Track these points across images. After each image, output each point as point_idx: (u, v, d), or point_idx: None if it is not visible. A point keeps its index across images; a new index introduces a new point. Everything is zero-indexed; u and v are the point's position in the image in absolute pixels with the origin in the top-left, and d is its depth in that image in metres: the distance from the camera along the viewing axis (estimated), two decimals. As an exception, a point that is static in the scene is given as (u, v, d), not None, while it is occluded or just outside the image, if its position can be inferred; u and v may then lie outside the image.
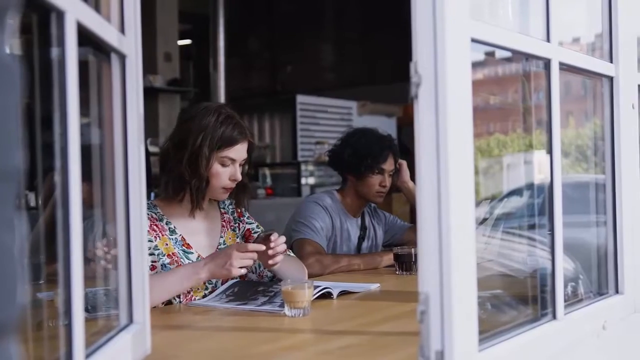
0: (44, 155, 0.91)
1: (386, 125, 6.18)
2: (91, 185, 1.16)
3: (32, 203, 1.92)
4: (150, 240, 1.91)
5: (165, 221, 2.00)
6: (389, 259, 2.53)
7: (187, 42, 8.29)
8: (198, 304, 1.89)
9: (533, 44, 1.34)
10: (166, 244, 1.96)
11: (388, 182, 2.72)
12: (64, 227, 0.90)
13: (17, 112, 0.63)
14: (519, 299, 1.48)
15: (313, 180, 7.25)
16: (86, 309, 0.98)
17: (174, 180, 1.96)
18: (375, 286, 2.12)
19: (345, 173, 2.79)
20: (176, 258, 1.95)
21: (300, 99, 7.80)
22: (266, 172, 7.33)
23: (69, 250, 0.90)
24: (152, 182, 2.51)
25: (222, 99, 6.38)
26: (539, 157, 1.43)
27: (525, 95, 1.52)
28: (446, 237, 1.02)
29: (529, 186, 1.56)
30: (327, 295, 1.90)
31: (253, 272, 2.12)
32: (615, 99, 1.62)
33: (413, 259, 2.37)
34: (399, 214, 3.36)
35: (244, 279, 2.04)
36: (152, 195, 2.85)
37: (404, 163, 2.81)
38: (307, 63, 9.00)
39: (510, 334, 1.22)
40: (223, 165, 1.97)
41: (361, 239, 2.80)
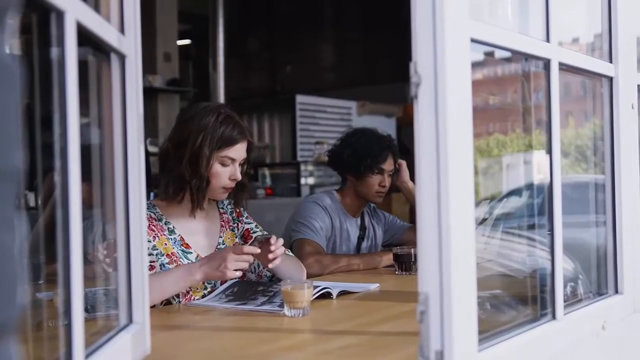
0: (44, 155, 0.91)
1: (386, 125, 6.19)
2: (91, 186, 1.16)
3: (32, 203, 1.92)
4: (149, 241, 1.91)
5: (164, 221, 2.00)
6: (388, 259, 2.53)
7: (187, 42, 8.28)
8: (197, 304, 1.89)
9: (533, 44, 1.34)
10: (165, 244, 1.96)
11: (387, 182, 2.72)
12: (64, 227, 0.90)
13: (17, 112, 0.63)
14: (518, 299, 1.48)
15: (312, 181, 7.24)
16: (86, 309, 0.97)
17: (174, 180, 1.96)
18: (374, 286, 2.12)
19: (345, 173, 2.79)
20: (175, 258, 1.95)
21: (300, 99, 7.79)
22: (266, 172, 7.32)
23: (68, 250, 0.90)
24: (152, 182, 2.51)
25: (221, 99, 6.37)
26: (539, 157, 1.43)
27: (524, 96, 1.52)
28: (446, 237, 1.02)
29: (529, 186, 1.56)
30: (326, 295, 1.90)
31: (252, 272, 2.12)
32: (614, 99, 1.63)
33: (413, 259, 2.37)
34: (399, 214, 3.36)
35: (243, 278, 2.04)
36: (152, 195, 2.85)
37: (404, 163, 2.81)
38: (306, 63, 9.00)
39: (509, 334, 1.22)
40: (223, 165, 1.97)
41: (361, 239, 2.80)
